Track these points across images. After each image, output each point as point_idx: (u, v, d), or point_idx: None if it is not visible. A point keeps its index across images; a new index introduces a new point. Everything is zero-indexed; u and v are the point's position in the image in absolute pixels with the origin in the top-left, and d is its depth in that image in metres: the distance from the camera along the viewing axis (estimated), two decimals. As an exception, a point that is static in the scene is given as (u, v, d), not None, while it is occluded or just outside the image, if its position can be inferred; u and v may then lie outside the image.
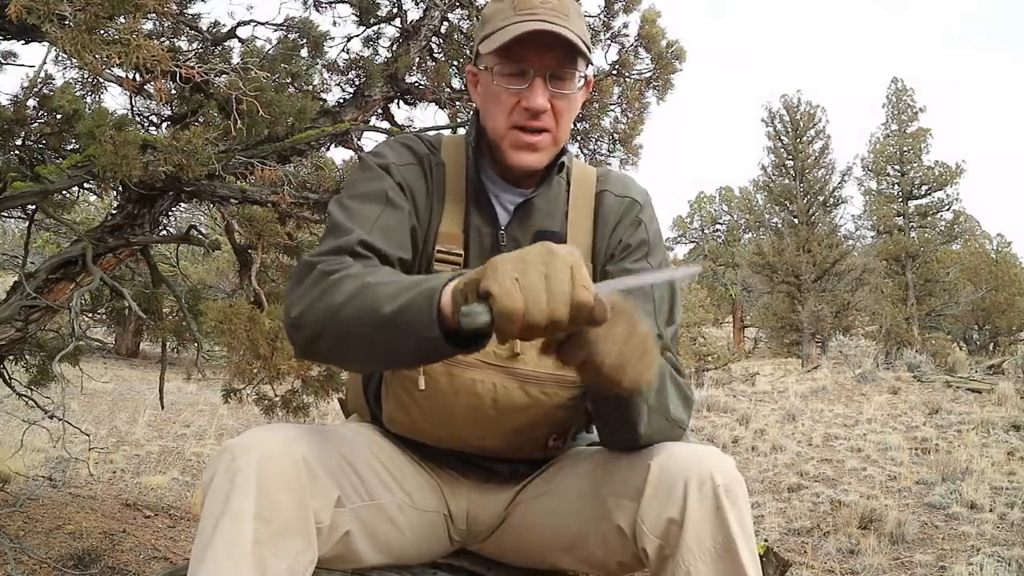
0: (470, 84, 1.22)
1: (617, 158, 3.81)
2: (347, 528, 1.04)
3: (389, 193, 1.13)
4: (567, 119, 1.15)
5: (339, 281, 0.96)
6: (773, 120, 25.22)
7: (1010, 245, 30.01)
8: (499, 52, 1.10)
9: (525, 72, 1.10)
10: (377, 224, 1.09)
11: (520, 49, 1.09)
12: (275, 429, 0.99)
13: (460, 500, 1.22)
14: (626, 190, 1.25)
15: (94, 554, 3.33)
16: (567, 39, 1.07)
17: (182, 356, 10.92)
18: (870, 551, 4.55)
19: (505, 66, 1.11)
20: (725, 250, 37.24)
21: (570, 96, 1.13)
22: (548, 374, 1.12)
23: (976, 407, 9.45)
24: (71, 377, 3.48)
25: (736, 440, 8.22)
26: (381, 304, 0.90)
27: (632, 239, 1.21)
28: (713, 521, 0.96)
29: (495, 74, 1.12)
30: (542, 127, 1.12)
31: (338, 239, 1.05)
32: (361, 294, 0.93)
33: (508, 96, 1.11)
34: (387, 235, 1.09)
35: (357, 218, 1.09)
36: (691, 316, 20.26)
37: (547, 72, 1.10)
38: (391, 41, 3.68)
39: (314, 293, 0.97)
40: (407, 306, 0.87)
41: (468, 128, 1.25)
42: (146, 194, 2.90)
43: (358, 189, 1.15)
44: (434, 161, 1.21)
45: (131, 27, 2.09)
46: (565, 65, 1.11)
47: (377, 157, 1.19)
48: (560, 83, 1.12)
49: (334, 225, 1.09)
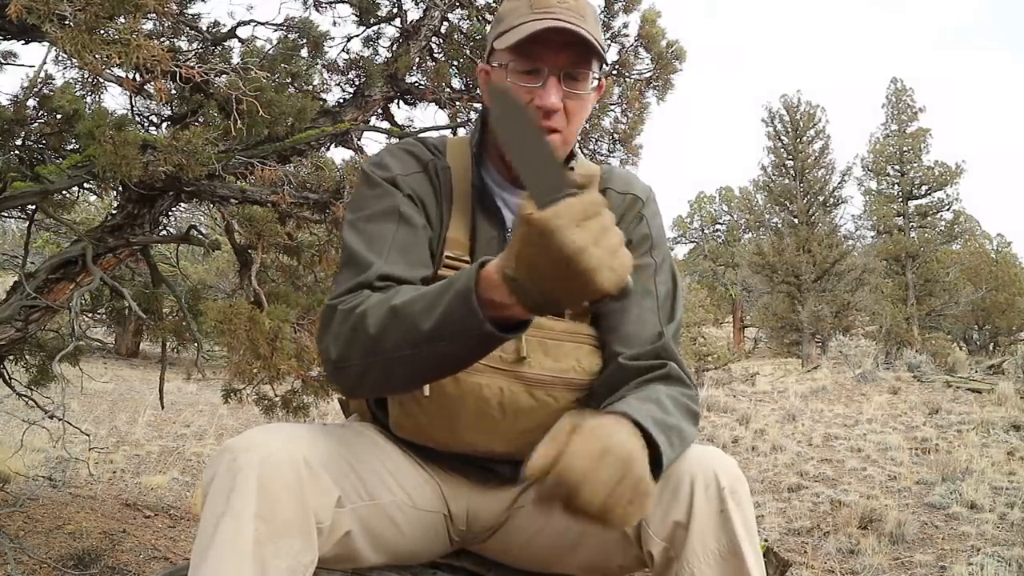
0: (481, 81, 1.21)
1: (617, 158, 3.81)
2: (347, 528, 1.04)
3: (401, 208, 1.11)
4: (578, 120, 1.14)
5: (365, 313, 0.95)
6: (773, 120, 25.22)
7: (1010, 245, 30.05)
8: (514, 49, 1.09)
9: (539, 70, 1.09)
10: (394, 245, 1.08)
11: (535, 47, 1.08)
12: (275, 429, 0.99)
13: (461, 500, 1.22)
14: (628, 187, 1.25)
15: (94, 554, 3.33)
16: (583, 38, 1.07)
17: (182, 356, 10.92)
18: (870, 551, 4.55)
19: (520, 63, 1.10)
20: (725, 250, 37.23)
21: (583, 97, 1.12)
22: (554, 377, 1.12)
23: (976, 407, 9.45)
24: (71, 377, 3.48)
25: (736, 440, 8.22)
26: (418, 322, 0.90)
27: (634, 235, 1.20)
28: (718, 523, 0.96)
29: (509, 71, 1.11)
30: (553, 127, 1.11)
31: (357, 276, 1.04)
32: (394, 318, 0.92)
33: (521, 94, 1.10)
34: (406, 255, 1.08)
35: (374, 244, 1.07)
36: (691, 316, 20.26)
37: (561, 71, 1.09)
38: (391, 41, 3.68)
39: (346, 333, 0.97)
40: (445, 315, 0.87)
41: (472, 130, 1.23)
42: (146, 194, 2.90)
43: (369, 208, 1.13)
44: (439, 165, 1.20)
45: (131, 27, 2.09)
46: (580, 65, 1.10)
47: (381, 169, 1.16)
48: (574, 83, 1.11)
49: (351, 256, 1.08)
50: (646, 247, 1.21)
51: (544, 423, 1.13)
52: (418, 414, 1.14)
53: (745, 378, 16.26)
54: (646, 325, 1.13)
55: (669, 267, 1.22)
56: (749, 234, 32.80)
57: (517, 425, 1.13)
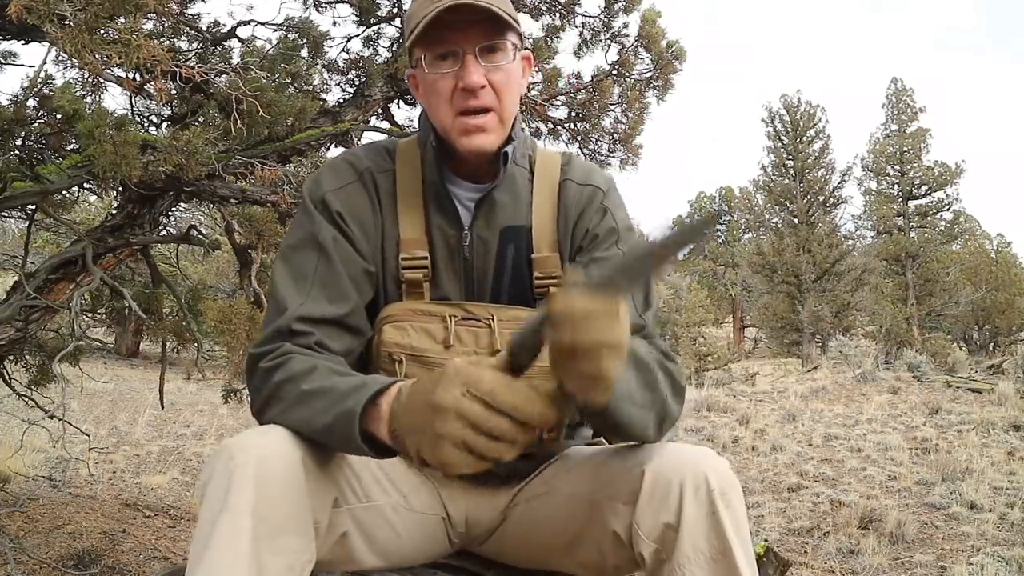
0: (412, 88, 1.21)
1: (617, 158, 3.81)
2: (344, 529, 1.04)
3: (320, 237, 1.13)
4: (509, 94, 1.13)
5: (280, 387, 1.01)
6: (773, 120, 25.25)
7: (1010, 245, 30.02)
8: (424, 40, 1.09)
9: (455, 52, 1.09)
10: (315, 280, 1.11)
11: (443, 32, 1.08)
12: (273, 429, 0.99)
13: (458, 503, 1.22)
14: (588, 178, 1.24)
15: (94, 554, 3.33)
16: (485, 9, 1.06)
17: (182, 356, 10.93)
18: (870, 551, 4.55)
19: (432, 51, 1.10)
20: (725, 250, 37.25)
21: (505, 68, 1.11)
22: (536, 366, 1.11)
23: (976, 407, 9.45)
24: (71, 377, 3.48)
25: (736, 440, 8.21)
26: (315, 417, 0.96)
27: (599, 228, 1.20)
28: (709, 525, 0.96)
29: (427, 64, 1.11)
30: (483, 106, 1.11)
31: (276, 320, 1.08)
32: (299, 405, 0.99)
33: (444, 82, 1.10)
34: (327, 290, 1.11)
35: (297, 280, 1.11)
36: (691, 316, 20.27)
37: (475, 48, 1.09)
38: (391, 41, 3.68)
39: (264, 393, 1.04)
40: (335, 422, 0.93)
41: (419, 129, 1.23)
42: (146, 194, 2.90)
43: (294, 236, 1.16)
44: (380, 169, 1.20)
45: (131, 27, 2.09)
46: (492, 37, 1.10)
47: (315, 188, 1.18)
48: (492, 55, 1.10)
49: (274, 293, 1.12)
50: (612, 240, 1.20)
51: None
52: None
53: (745, 378, 16.27)
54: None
55: None
56: (749, 234, 32.82)
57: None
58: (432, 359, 1.13)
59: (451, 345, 1.13)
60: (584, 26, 3.73)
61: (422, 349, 1.13)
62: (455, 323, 1.15)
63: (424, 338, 1.14)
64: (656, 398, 1.02)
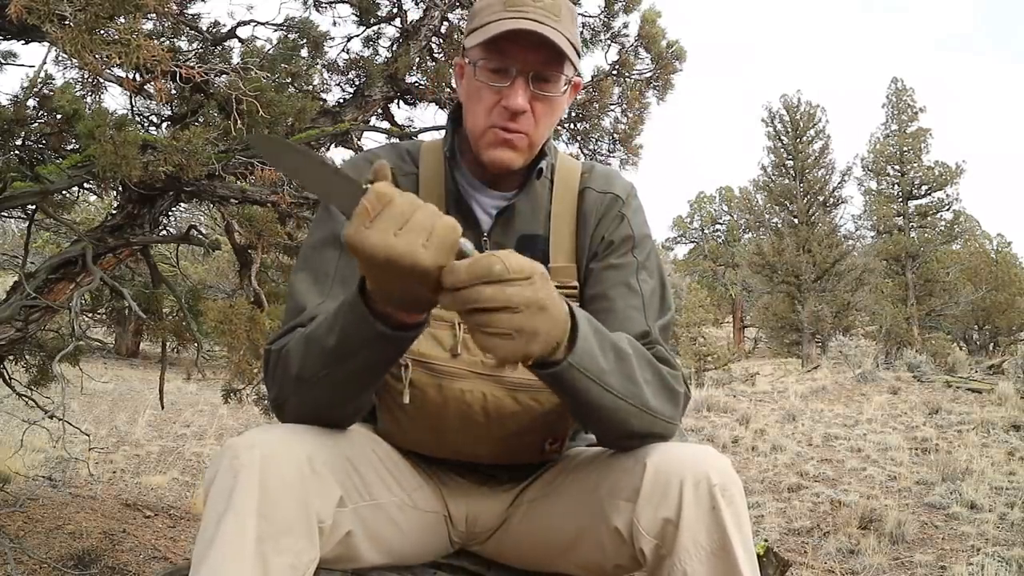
0: (456, 76, 1.20)
1: (617, 158, 3.82)
2: (348, 528, 1.04)
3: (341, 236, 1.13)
4: (546, 123, 1.13)
5: (288, 351, 1.01)
6: (773, 120, 25.25)
7: (1010, 245, 30.05)
8: (484, 47, 1.08)
9: (508, 70, 1.08)
10: (336, 278, 1.11)
11: (505, 46, 1.07)
12: (277, 428, 0.99)
13: (460, 502, 1.22)
14: (608, 185, 1.23)
15: (94, 554, 3.33)
16: (553, 41, 1.05)
17: (182, 356, 10.92)
18: (870, 551, 4.55)
19: (489, 61, 1.09)
20: (725, 250, 37.27)
21: (552, 99, 1.11)
22: (537, 380, 1.11)
23: (976, 407, 9.45)
24: (71, 377, 3.48)
25: (736, 440, 8.22)
26: (324, 342, 0.95)
27: (615, 235, 1.20)
28: (709, 521, 0.96)
29: (478, 69, 1.10)
30: (519, 129, 1.10)
31: (292, 319, 1.08)
32: (307, 346, 0.98)
33: (489, 94, 1.10)
34: (347, 286, 1.08)
35: (318, 279, 1.11)
36: (691, 316, 20.27)
37: (530, 72, 1.08)
38: (391, 41, 3.69)
39: (278, 373, 1.03)
40: (344, 327, 0.92)
41: (445, 133, 1.23)
42: (146, 194, 2.90)
43: (315, 235, 1.16)
44: (402, 173, 1.20)
45: (131, 27, 2.09)
46: (550, 67, 1.09)
47: None
48: (543, 85, 1.10)
49: (292, 294, 1.12)
50: (628, 247, 1.20)
51: (528, 427, 1.13)
52: (402, 420, 1.14)
53: (745, 378, 16.27)
54: (632, 323, 1.12)
55: (654, 264, 1.22)
56: (749, 234, 32.82)
57: (502, 429, 1.12)
58: (438, 367, 1.12)
59: (458, 354, 1.12)
60: (584, 26, 3.73)
61: (429, 356, 1.12)
62: (463, 330, 1.13)
63: (432, 344, 1.13)
64: (635, 391, 1.00)
